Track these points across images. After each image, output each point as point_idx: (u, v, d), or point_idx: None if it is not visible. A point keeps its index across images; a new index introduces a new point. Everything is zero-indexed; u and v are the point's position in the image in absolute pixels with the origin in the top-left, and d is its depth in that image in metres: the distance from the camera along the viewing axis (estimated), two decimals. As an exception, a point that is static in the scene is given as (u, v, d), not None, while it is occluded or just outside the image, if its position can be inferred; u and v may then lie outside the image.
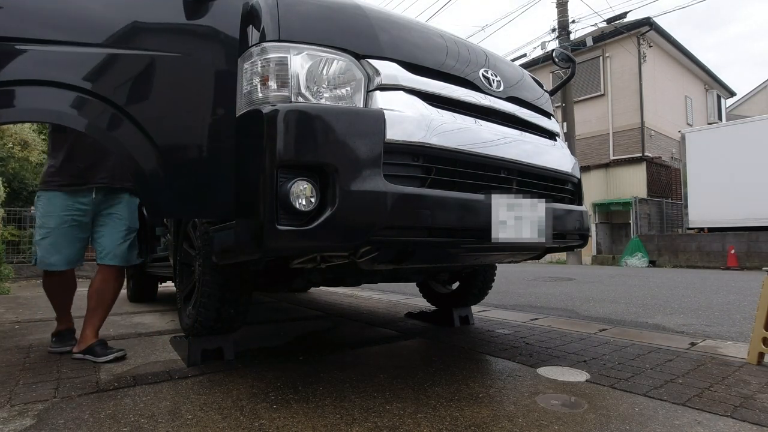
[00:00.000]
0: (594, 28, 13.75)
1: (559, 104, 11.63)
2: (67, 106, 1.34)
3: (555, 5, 12.52)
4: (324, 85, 1.38)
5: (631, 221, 12.31)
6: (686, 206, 10.91)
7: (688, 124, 15.90)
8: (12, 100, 1.30)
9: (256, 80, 1.35)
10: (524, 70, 2.16)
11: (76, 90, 1.33)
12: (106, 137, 1.38)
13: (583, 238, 2.04)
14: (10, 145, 8.89)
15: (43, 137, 10.40)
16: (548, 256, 10.09)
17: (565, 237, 1.91)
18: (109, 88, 1.36)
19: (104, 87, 1.36)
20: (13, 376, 1.83)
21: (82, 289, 2.41)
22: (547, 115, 2.08)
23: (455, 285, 3.06)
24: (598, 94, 14.98)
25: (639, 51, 14.11)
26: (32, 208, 9.71)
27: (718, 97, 18.35)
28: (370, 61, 1.46)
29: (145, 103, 1.39)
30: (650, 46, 14.48)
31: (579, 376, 1.81)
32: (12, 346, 2.43)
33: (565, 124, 11.40)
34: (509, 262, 2.30)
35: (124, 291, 5.31)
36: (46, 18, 1.33)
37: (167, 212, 1.58)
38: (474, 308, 3.17)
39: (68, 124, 1.38)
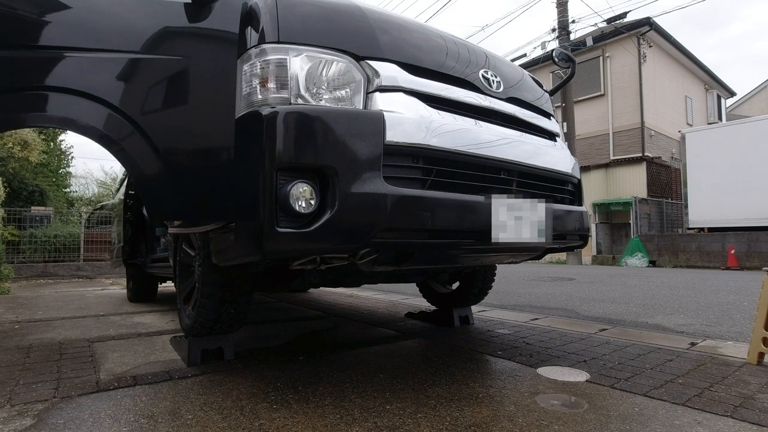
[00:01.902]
0: (594, 28, 13.76)
1: (559, 104, 11.63)
2: (72, 109, 1.34)
3: (555, 5, 12.52)
4: (323, 87, 1.38)
5: (631, 221, 12.31)
6: (686, 206, 10.92)
7: (688, 124, 15.91)
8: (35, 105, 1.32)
9: (256, 82, 1.35)
10: (524, 71, 2.16)
11: (81, 95, 1.33)
12: (107, 141, 1.37)
13: (583, 238, 2.04)
14: (10, 145, 8.88)
15: (43, 137, 10.40)
16: (548, 256, 10.09)
17: (565, 237, 1.91)
18: (111, 93, 1.36)
19: (107, 91, 1.36)
20: (13, 376, 1.84)
21: (78, 289, 2.40)
22: (547, 115, 2.08)
23: (455, 285, 3.06)
24: (598, 94, 14.97)
25: (639, 51, 14.11)
26: (32, 208, 9.72)
27: (718, 97, 18.36)
28: (370, 62, 1.46)
29: (146, 107, 1.39)
30: (650, 46, 14.48)
31: (579, 376, 1.81)
32: (12, 346, 2.43)
33: (565, 124, 11.40)
34: (509, 263, 2.30)
35: (123, 291, 5.32)
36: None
37: (168, 214, 1.58)
38: (474, 308, 3.18)
39: (72, 130, 1.38)
